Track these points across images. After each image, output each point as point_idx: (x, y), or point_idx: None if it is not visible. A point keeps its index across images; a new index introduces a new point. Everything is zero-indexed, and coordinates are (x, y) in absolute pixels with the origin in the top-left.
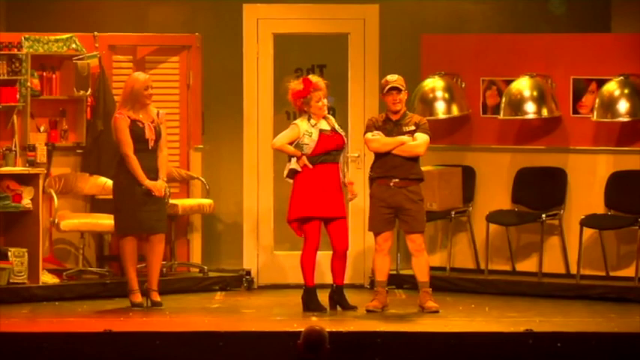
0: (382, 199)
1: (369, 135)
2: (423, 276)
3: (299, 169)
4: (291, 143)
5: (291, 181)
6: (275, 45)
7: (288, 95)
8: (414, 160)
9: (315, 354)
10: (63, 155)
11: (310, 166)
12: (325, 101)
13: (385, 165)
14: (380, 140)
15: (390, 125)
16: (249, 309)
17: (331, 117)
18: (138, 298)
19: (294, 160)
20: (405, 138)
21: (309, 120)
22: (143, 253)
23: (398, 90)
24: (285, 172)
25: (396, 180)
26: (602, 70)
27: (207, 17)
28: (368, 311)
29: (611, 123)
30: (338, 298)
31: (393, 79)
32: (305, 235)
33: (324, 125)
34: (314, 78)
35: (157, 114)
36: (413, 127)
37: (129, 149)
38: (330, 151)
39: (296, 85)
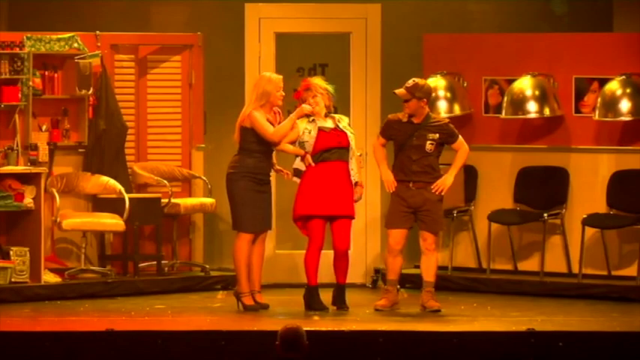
0: (403, 198)
1: (377, 142)
2: (429, 276)
3: (302, 168)
4: (293, 143)
5: (298, 180)
6: (277, 44)
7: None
8: (432, 166)
9: (295, 352)
10: (65, 154)
11: (312, 164)
12: (318, 99)
13: (404, 169)
14: (377, 160)
15: (410, 129)
16: None
17: (342, 117)
18: (251, 300)
19: (297, 159)
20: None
21: (308, 117)
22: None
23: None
24: (291, 173)
25: (416, 182)
26: (604, 70)
27: (209, 16)
28: (376, 310)
29: (613, 122)
30: (336, 297)
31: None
32: (309, 234)
33: (327, 123)
34: (311, 79)
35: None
36: (437, 135)
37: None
38: (330, 148)
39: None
